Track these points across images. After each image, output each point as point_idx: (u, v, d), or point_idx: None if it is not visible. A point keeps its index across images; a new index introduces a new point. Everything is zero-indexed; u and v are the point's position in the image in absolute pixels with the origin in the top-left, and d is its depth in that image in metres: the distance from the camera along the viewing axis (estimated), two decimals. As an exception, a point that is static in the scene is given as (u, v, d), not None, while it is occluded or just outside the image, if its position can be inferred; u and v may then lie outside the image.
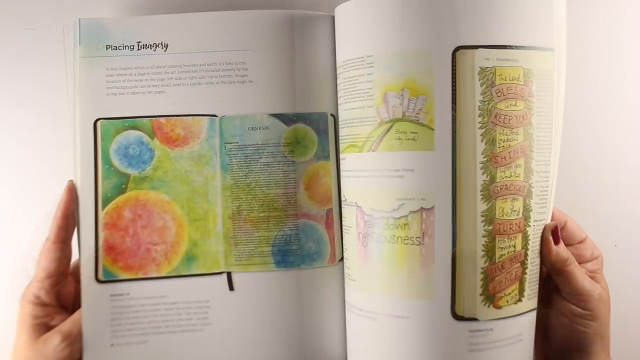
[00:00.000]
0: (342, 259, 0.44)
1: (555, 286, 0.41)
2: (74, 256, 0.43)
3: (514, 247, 0.39)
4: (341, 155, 0.43)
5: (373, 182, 0.40)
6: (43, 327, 0.41)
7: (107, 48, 0.43)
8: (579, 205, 0.49)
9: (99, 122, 0.42)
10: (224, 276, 0.43)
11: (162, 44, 0.43)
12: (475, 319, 0.38)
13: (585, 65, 0.50)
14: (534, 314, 0.40)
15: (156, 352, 0.42)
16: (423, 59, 0.38)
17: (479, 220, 0.38)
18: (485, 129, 0.38)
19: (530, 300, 0.40)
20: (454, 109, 0.38)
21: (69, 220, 0.42)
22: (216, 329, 0.42)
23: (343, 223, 0.43)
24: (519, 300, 0.39)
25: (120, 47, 0.43)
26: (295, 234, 0.44)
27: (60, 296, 0.42)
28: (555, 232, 0.40)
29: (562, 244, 0.40)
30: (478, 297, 0.38)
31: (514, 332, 0.39)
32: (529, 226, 0.39)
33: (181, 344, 0.42)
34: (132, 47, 0.43)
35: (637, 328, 0.51)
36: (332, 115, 0.44)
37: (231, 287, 0.43)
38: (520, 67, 0.38)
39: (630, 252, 0.51)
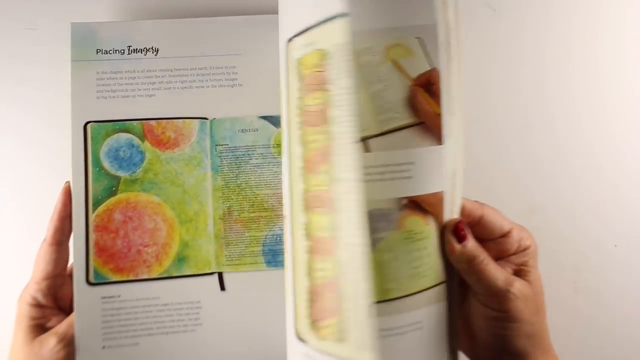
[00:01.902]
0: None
1: (471, 288, 0.37)
2: (72, 258, 0.44)
3: (327, 271, 0.33)
4: None
5: None
6: (40, 328, 0.41)
7: (97, 52, 0.43)
8: (580, 205, 0.49)
9: (89, 125, 0.43)
10: (215, 276, 0.43)
11: (152, 49, 0.43)
12: (307, 343, 0.34)
13: (586, 65, 0.49)
14: None
15: (148, 354, 0.42)
16: None
17: (301, 233, 0.34)
18: (301, 129, 0.34)
19: (364, 353, 0.30)
20: (287, 110, 0.35)
21: (65, 222, 0.42)
22: (208, 329, 0.43)
23: None
24: (341, 340, 0.31)
25: (110, 52, 0.43)
26: (286, 234, 0.44)
27: (57, 298, 0.43)
28: (458, 230, 0.35)
29: (470, 241, 0.35)
30: (304, 319, 0.34)
31: None
32: (342, 249, 0.31)
33: (173, 345, 0.42)
34: (122, 51, 0.43)
35: (638, 328, 0.50)
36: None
37: (222, 287, 0.43)
38: (318, 49, 0.32)
39: (630, 252, 0.50)
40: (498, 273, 0.35)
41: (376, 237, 0.33)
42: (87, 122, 0.43)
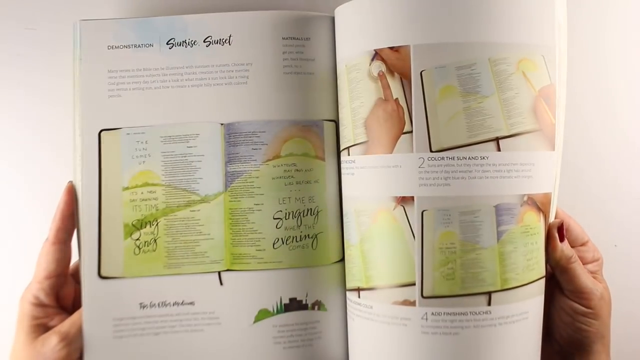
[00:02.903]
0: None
1: (558, 285, 0.41)
2: (74, 257, 0.43)
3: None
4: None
5: None
6: (42, 327, 0.41)
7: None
8: (579, 205, 0.49)
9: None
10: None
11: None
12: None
13: (584, 66, 0.50)
14: None
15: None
16: None
17: None
18: None
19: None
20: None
21: (68, 222, 0.42)
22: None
23: None
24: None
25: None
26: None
27: (59, 297, 0.42)
28: (560, 230, 0.40)
29: (566, 242, 0.40)
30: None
31: None
32: None
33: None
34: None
35: (638, 328, 0.51)
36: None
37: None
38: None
39: (630, 252, 0.51)
40: (587, 273, 0.41)
41: (501, 229, 0.38)
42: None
